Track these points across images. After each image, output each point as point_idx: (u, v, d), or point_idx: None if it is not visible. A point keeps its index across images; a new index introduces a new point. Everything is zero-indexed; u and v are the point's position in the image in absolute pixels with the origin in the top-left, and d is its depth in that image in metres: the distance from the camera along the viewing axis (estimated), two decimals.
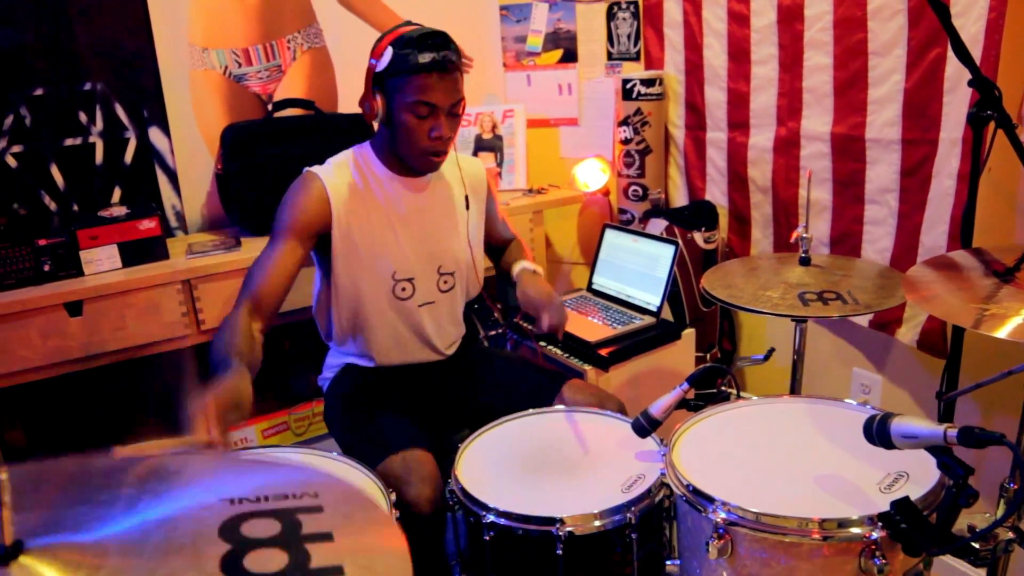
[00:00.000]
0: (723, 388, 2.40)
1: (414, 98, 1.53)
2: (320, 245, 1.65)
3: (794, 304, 1.45)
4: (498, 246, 2.00)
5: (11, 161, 2.13)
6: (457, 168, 1.78)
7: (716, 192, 2.47)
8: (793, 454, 1.26)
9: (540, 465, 1.48)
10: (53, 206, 2.21)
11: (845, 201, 2.05)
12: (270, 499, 0.66)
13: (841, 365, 2.20)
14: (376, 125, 1.66)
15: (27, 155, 2.15)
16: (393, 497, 1.34)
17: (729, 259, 2.38)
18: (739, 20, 2.23)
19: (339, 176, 1.65)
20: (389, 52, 1.55)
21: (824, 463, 1.21)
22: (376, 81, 1.58)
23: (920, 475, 1.13)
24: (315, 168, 1.66)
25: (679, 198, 2.63)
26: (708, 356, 2.45)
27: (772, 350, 2.00)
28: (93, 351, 1.95)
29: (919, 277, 1.31)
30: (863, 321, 2.05)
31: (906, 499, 0.99)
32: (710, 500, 1.11)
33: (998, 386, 1.35)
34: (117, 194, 2.29)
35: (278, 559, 0.58)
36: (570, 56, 2.75)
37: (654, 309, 2.20)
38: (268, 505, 0.66)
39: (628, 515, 1.30)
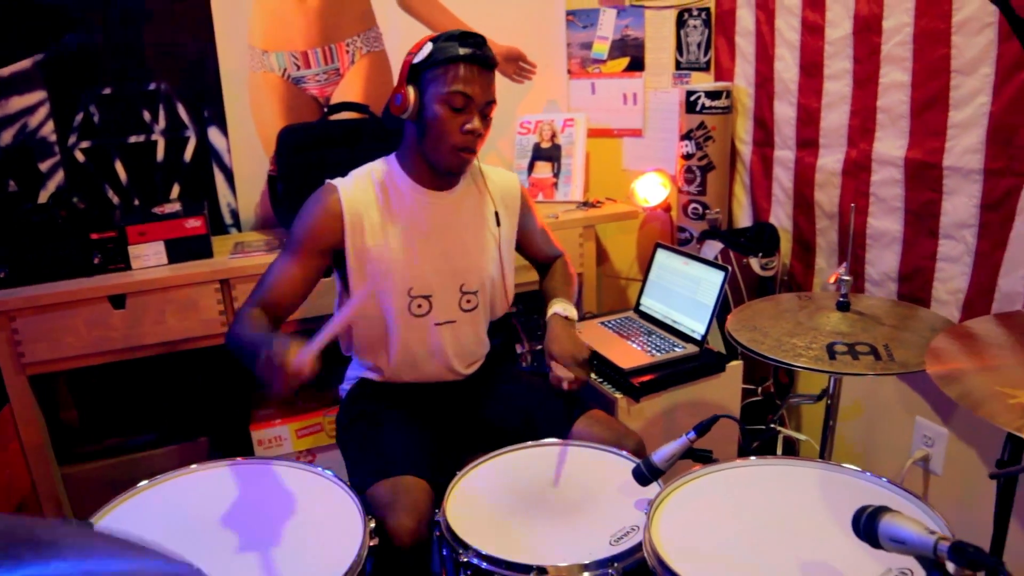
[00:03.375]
0: (772, 426, 2.24)
1: (450, 88, 1.50)
2: (336, 258, 1.63)
3: (819, 356, 1.30)
4: (542, 262, 1.92)
5: (79, 156, 2.24)
6: (484, 181, 1.71)
7: (781, 215, 2.29)
8: (786, 533, 1.12)
9: (532, 504, 1.40)
10: (116, 200, 2.31)
11: (917, 234, 1.85)
12: None
13: (904, 413, 2.00)
14: (402, 127, 1.63)
15: (94, 151, 2.25)
16: (372, 524, 1.30)
17: (788, 289, 2.21)
18: (813, 31, 2.05)
19: (358, 189, 1.62)
20: (428, 46, 1.53)
21: (818, 547, 1.06)
22: (411, 74, 1.55)
23: None
24: (336, 180, 1.64)
25: (743, 218, 2.46)
26: (759, 390, 2.29)
27: (826, 390, 1.83)
28: (133, 343, 2.01)
29: (975, 332, 1.13)
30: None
31: None
32: None
33: None
34: (176, 190, 2.37)
35: None
36: (637, 64, 2.63)
37: (698, 338, 2.06)
38: None
39: (611, 571, 1.21)
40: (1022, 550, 1.65)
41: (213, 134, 2.35)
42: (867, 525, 0.84)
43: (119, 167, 2.29)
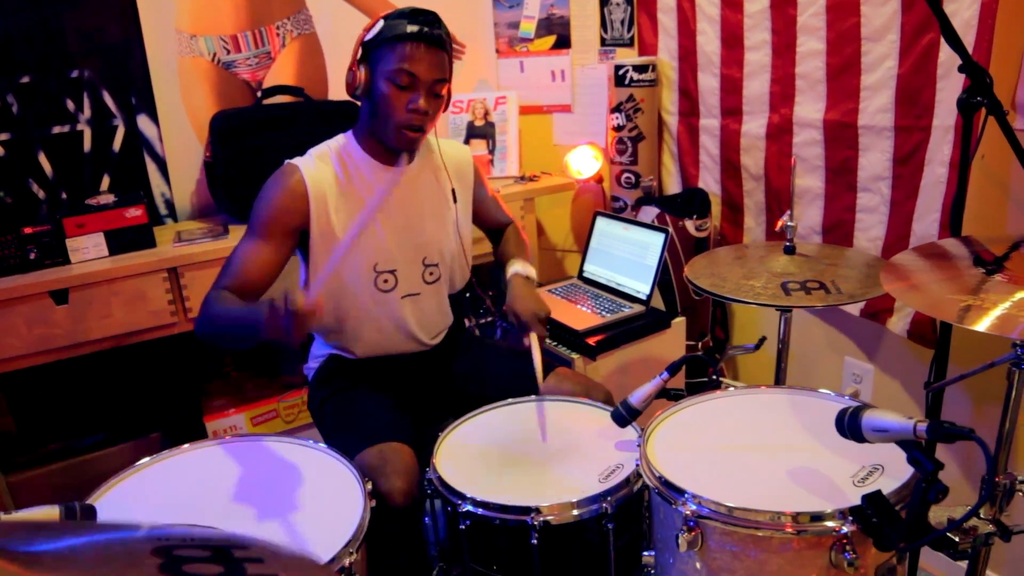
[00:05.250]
0: (714, 377, 2.39)
1: (396, 65, 1.51)
2: (301, 239, 1.63)
3: (776, 294, 1.43)
4: (494, 228, 1.97)
5: None
6: (441, 157, 1.76)
7: (709, 179, 2.44)
8: (768, 446, 1.24)
9: (519, 455, 1.48)
10: (41, 194, 2.21)
11: (837, 189, 2.02)
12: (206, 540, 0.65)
13: (833, 354, 2.18)
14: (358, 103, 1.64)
15: (14, 143, 2.14)
16: (369, 487, 1.34)
17: (720, 246, 2.35)
18: (732, 5, 2.19)
19: (320, 168, 1.63)
20: (380, 23, 1.54)
21: (799, 456, 1.19)
22: (363, 51, 1.56)
23: (895, 469, 1.11)
24: (296, 160, 1.63)
25: (673, 185, 2.60)
26: (700, 345, 2.44)
27: (763, 339, 1.97)
28: (79, 339, 1.95)
29: (903, 265, 1.29)
30: (855, 310, 2.03)
31: (877, 493, 0.98)
32: (680, 492, 1.10)
33: (987, 376, 1.33)
34: (106, 182, 2.28)
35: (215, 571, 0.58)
36: (563, 42, 2.72)
37: (643, 297, 2.18)
38: (203, 542, 0.65)
39: (604, 505, 1.30)
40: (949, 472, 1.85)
41: (143, 122, 2.28)
42: (851, 422, 0.95)
43: (43, 159, 2.19)
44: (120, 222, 2.04)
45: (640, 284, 2.21)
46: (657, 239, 2.17)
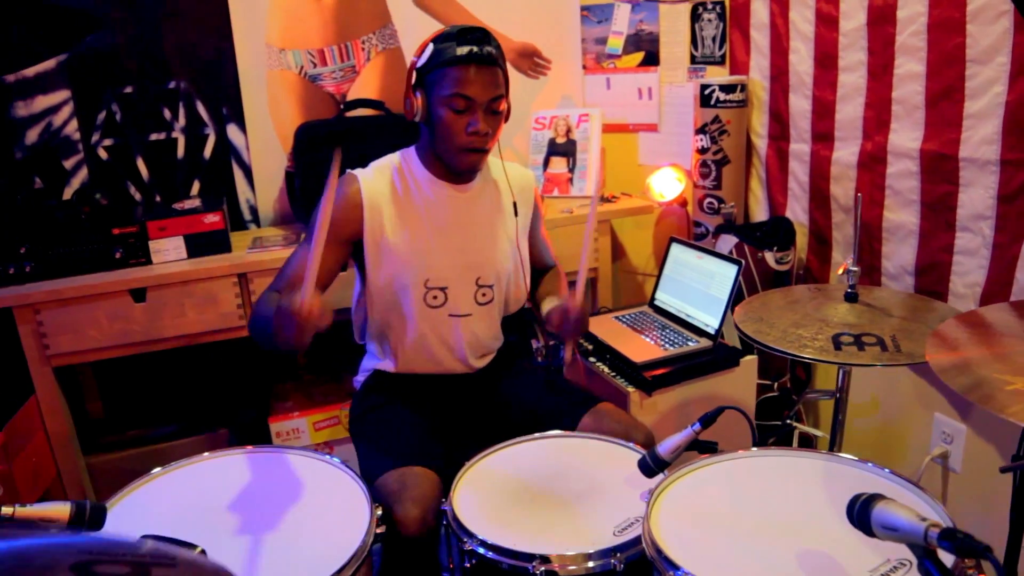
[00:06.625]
0: (788, 421, 2.22)
1: (450, 91, 1.50)
2: (356, 249, 1.65)
3: (825, 347, 1.29)
4: (538, 269, 1.90)
5: (102, 154, 2.29)
6: (504, 172, 1.73)
7: (797, 209, 2.27)
8: (786, 523, 1.11)
9: (539, 493, 1.41)
10: (138, 196, 2.36)
11: (933, 227, 1.82)
12: (126, 555, 0.65)
13: (922, 410, 1.97)
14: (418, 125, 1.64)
15: (117, 148, 2.30)
16: (379, 512, 1.32)
17: (804, 283, 2.19)
18: (827, 22, 2.03)
19: (378, 180, 1.64)
20: (430, 48, 1.53)
21: (818, 538, 1.06)
22: (417, 77, 1.56)
23: None
24: (356, 171, 1.66)
25: (759, 213, 2.45)
26: (775, 385, 2.27)
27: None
28: (154, 336, 2.06)
29: (950, 335, 1.12)
30: None
31: None
32: (675, 568, 1.00)
33: None
34: (196, 187, 2.41)
35: None
36: (652, 59, 2.63)
37: (712, 332, 2.05)
38: (123, 558, 0.65)
39: (614, 561, 1.21)
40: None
41: (232, 131, 2.39)
42: (860, 512, 0.83)
43: (141, 164, 2.34)
44: (199, 227, 2.14)
45: (709, 317, 2.08)
46: (730, 271, 2.03)
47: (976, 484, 1.88)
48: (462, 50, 1.49)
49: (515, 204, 1.72)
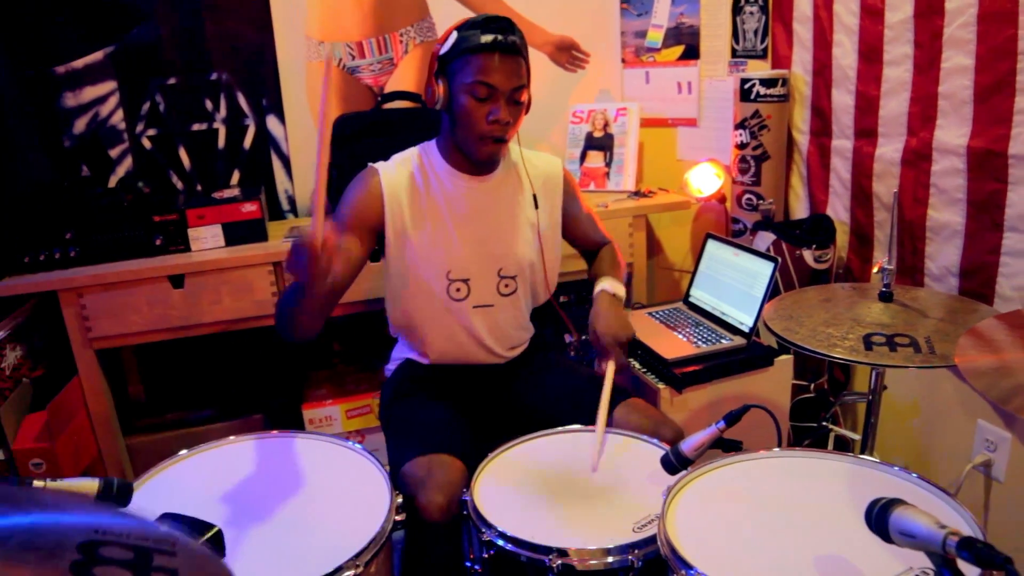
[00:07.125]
0: (824, 424, 2.17)
1: (473, 78, 1.50)
2: (381, 240, 1.67)
3: (855, 347, 1.25)
4: (589, 249, 1.91)
5: (146, 143, 2.35)
6: (524, 166, 1.72)
7: (839, 206, 2.21)
8: (805, 525, 1.09)
9: (561, 486, 1.41)
10: (180, 185, 2.41)
11: (980, 227, 1.76)
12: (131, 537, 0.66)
13: (965, 416, 1.90)
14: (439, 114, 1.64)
15: (159, 138, 2.36)
16: (400, 499, 1.32)
17: (844, 281, 2.13)
18: (872, 14, 1.97)
19: (399, 172, 1.65)
20: (454, 35, 1.54)
21: (837, 542, 1.02)
22: (440, 65, 1.56)
23: None
24: (378, 164, 1.67)
25: (800, 210, 2.39)
26: (812, 386, 2.22)
27: (884, 387, 1.76)
28: (191, 322, 2.10)
29: (987, 336, 1.07)
30: None
31: None
32: (688, 567, 0.98)
33: None
34: (236, 177, 2.46)
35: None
36: (692, 53, 2.58)
37: (746, 330, 2.01)
38: (128, 540, 0.67)
39: (632, 558, 1.20)
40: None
41: (271, 122, 2.43)
42: (879, 517, 0.80)
43: (183, 154, 2.39)
44: (237, 216, 2.18)
45: (744, 315, 2.04)
46: (766, 268, 1.99)
47: (1020, 494, 1.81)
48: (486, 38, 1.49)
49: (535, 197, 1.71)
